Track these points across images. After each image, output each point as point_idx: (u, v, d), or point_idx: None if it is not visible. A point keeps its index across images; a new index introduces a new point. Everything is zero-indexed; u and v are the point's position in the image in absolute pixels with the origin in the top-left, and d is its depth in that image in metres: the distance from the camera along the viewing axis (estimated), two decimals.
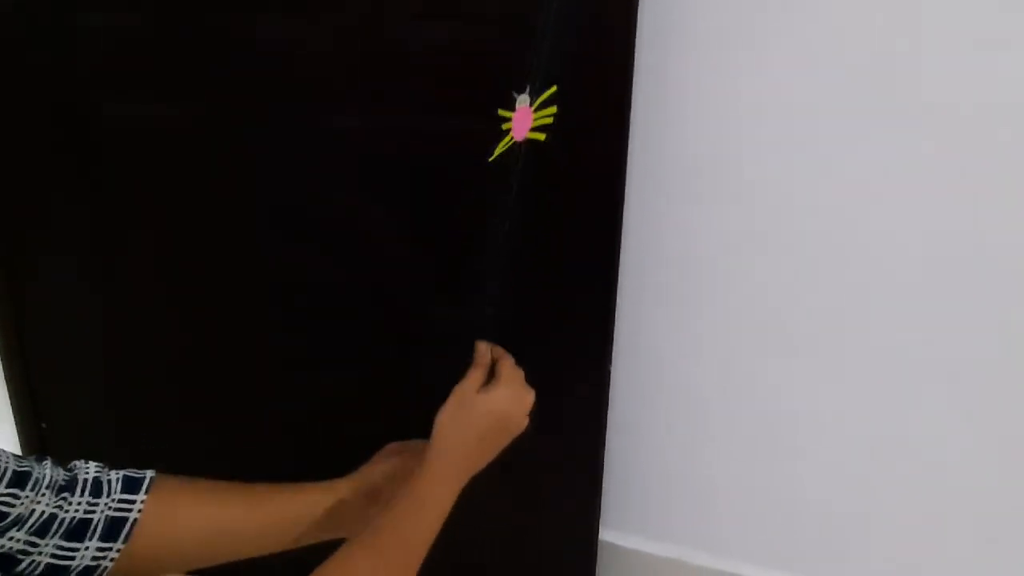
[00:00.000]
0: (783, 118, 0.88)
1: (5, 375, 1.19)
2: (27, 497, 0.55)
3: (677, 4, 0.86)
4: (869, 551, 1.05)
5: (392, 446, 0.78)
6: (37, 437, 1.23)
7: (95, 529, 0.58)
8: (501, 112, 0.71)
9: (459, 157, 0.89)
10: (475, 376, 0.74)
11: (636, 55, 0.83)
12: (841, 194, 0.89)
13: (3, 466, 0.54)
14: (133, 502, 0.61)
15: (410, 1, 0.85)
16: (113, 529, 0.59)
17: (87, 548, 0.58)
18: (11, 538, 0.54)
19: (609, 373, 0.98)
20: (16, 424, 1.22)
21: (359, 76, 0.90)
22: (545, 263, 0.92)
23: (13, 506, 0.54)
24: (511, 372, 0.76)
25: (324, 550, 0.64)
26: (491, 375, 0.76)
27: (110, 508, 0.60)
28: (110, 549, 0.59)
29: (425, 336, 0.97)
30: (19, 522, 0.55)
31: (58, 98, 1.00)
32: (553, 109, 0.72)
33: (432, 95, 0.89)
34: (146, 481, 0.63)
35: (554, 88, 0.71)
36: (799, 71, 0.86)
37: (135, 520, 0.60)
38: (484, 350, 0.77)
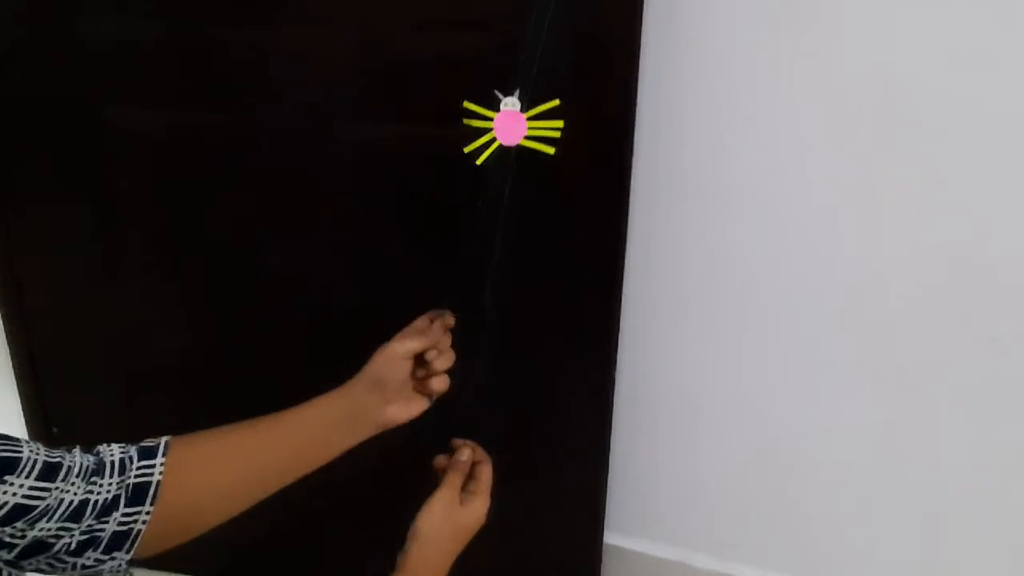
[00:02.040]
0: (785, 128, 0.89)
1: (16, 379, 1.20)
2: (57, 488, 0.56)
3: (680, 14, 0.87)
4: (870, 553, 1.05)
5: (392, 337, 0.79)
6: (48, 441, 1.23)
7: (120, 500, 0.60)
8: (470, 106, 0.71)
9: (459, 164, 0.90)
10: (455, 484, 0.76)
11: (640, 63, 0.84)
12: (842, 201, 0.90)
13: (33, 458, 0.55)
14: (152, 466, 0.62)
15: (412, 12, 0.86)
16: (138, 495, 0.61)
17: (113, 520, 0.59)
18: (42, 528, 0.56)
19: (613, 377, 0.98)
20: (27, 429, 1.23)
21: (360, 84, 0.91)
22: (550, 267, 0.93)
23: (43, 499, 0.55)
24: (489, 480, 0.79)
25: None
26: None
27: (132, 478, 0.61)
28: (138, 513, 0.60)
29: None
30: (47, 512, 0.56)
31: (63, 102, 1.00)
32: (560, 123, 0.72)
33: (433, 104, 0.90)
34: (161, 445, 0.64)
35: (556, 102, 0.71)
36: (803, 82, 0.86)
37: (158, 483, 0.62)
38: (464, 453, 0.79)
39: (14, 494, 0.53)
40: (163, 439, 0.65)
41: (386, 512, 0.78)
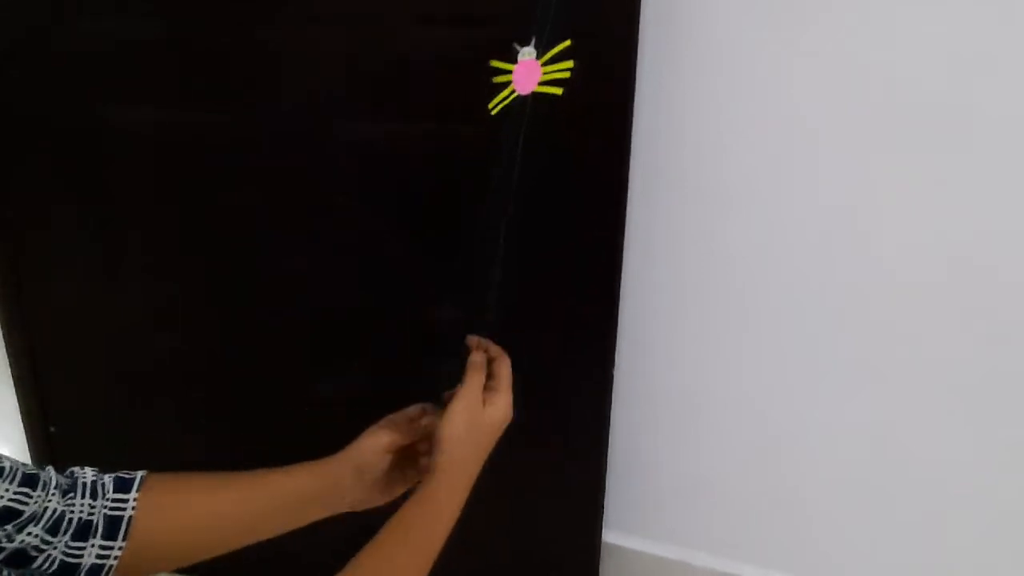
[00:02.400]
0: (787, 124, 0.89)
1: (14, 379, 1.20)
2: (39, 496, 0.57)
3: (679, 13, 0.87)
4: (870, 552, 1.05)
5: (380, 422, 0.79)
6: (46, 441, 1.23)
7: (96, 529, 0.61)
8: (495, 63, 0.71)
9: (460, 160, 0.90)
10: (476, 383, 0.75)
11: (639, 62, 0.84)
12: (842, 199, 0.90)
13: (13, 467, 0.57)
14: (126, 500, 0.63)
15: (412, 10, 0.86)
16: (112, 528, 0.61)
17: (92, 546, 0.60)
18: (29, 533, 0.56)
19: (612, 375, 0.98)
20: (25, 428, 1.23)
21: (360, 83, 0.91)
22: (548, 265, 0.93)
23: (27, 504, 0.56)
24: (508, 376, 0.77)
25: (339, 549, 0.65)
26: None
27: (106, 508, 0.62)
28: (112, 547, 0.61)
29: (426, 338, 0.98)
30: (34, 519, 0.57)
31: (63, 102, 1.01)
32: (570, 63, 0.71)
33: (433, 102, 0.90)
34: (137, 480, 0.65)
35: (568, 42, 0.70)
36: (804, 80, 0.86)
37: (130, 518, 0.62)
38: (479, 353, 0.78)
39: (1, 496, 0.54)
40: (139, 474, 0.66)
41: (378, 517, 0.78)
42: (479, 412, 0.74)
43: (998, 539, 0.98)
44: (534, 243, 0.91)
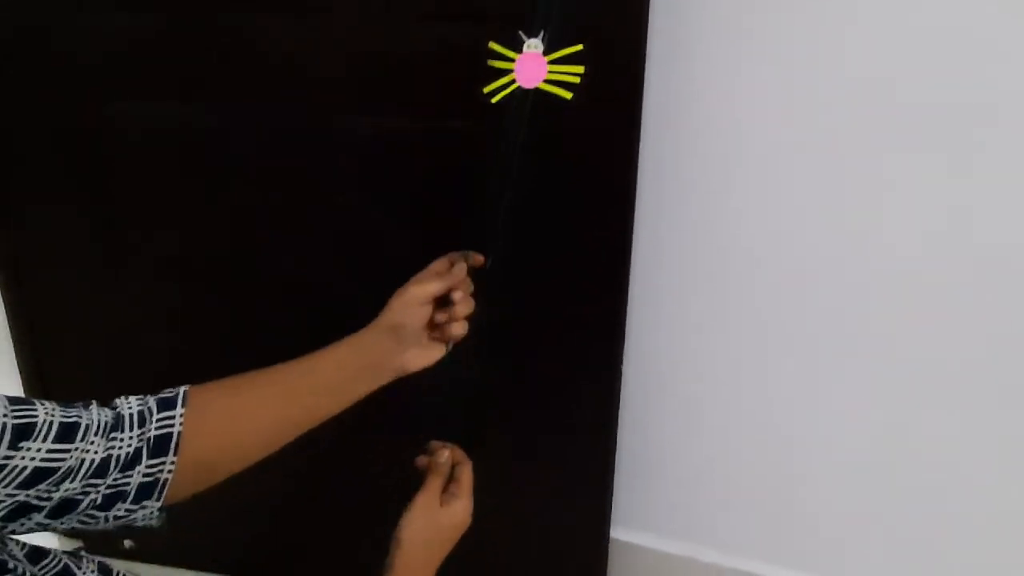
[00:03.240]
0: (795, 120, 0.89)
1: (21, 379, 1.20)
2: (77, 448, 0.56)
3: (688, 5, 0.86)
4: (877, 548, 1.05)
5: (408, 281, 0.78)
6: None
7: (142, 453, 0.60)
8: (494, 46, 0.69)
9: (461, 157, 0.90)
10: (436, 485, 0.77)
11: (647, 54, 0.84)
12: (849, 197, 0.90)
13: (49, 420, 0.55)
14: (172, 417, 0.63)
15: (413, 4, 0.86)
16: (159, 446, 0.61)
17: (137, 472, 0.60)
18: (68, 488, 0.56)
19: (620, 372, 0.98)
20: None
21: (361, 78, 0.91)
22: (557, 263, 0.93)
23: (63, 460, 0.55)
24: (470, 481, 0.79)
25: None
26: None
27: (152, 430, 0.62)
28: (163, 463, 0.61)
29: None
30: (70, 473, 0.56)
31: (63, 100, 1.00)
32: (580, 69, 0.70)
33: (436, 97, 0.90)
34: (180, 396, 0.65)
35: (579, 46, 0.69)
36: (812, 72, 0.86)
37: (179, 433, 0.62)
38: (443, 455, 0.79)
39: (32, 459, 0.53)
40: (181, 389, 0.66)
41: (380, 512, 0.78)
42: (437, 514, 0.76)
43: (1004, 536, 0.98)
44: (542, 241, 0.91)
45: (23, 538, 0.58)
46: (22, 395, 1.20)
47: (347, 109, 0.93)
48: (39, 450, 0.54)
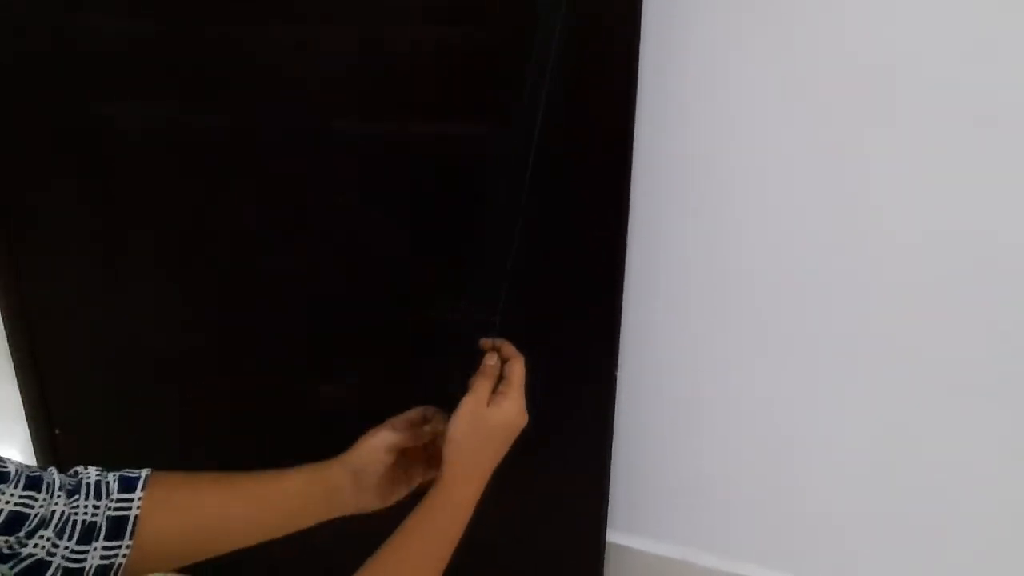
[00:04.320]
0: (790, 123, 0.89)
1: (19, 382, 1.20)
2: (44, 499, 0.57)
3: (680, 14, 0.87)
4: (873, 551, 1.05)
5: (380, 425, 0.79)
6: (51, 443, 1.24)
7: (100, 530, 0.61)
8: None
9: (460, 160, 0.90)
10: (484, 387, 0.75)
11: (640, 58, 0.84)
12: (844, 198, 0.90)
13: (16, 470, 0.57)
14: (131, 500, 0.63)
15: (412, 7, 0.86)
16: (117, 528, 0.61)
17: (95, 549, 0.60)
18: (41, 537, 0.56)
19: (615, 374, 0.98)
20: (30, 430, 1.24)
21: (360, 80, 0.91)
22: (552, 265, 0.93)
23: (33, 508, 0.56)
24: (520, 378, 0.77)
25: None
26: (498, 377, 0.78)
27: (110, 508, 0.62)
28: (119, 547, 0.61)
29: (427, 339, 0.98)
30: (44, 523, 0.57)
31: (63, 102, 1.01)
32: None
33: (436, 99, 0.90)
34: (141, 479, 0.65)
35: None
36: (804, 76, 0.86)
37: (136, 517, 0.63)
38: (492, 357, 0.78)
39: (7, 502, 0.55)
40: (143, 472, 0.66)
41: (381, 511, 0.78)
42: (484, 413, 0.74)
43: (1005, 537, 0.98)
44: (538, 244, 0.91)
45: None
46: (16, 399, 1.21)
47: (347, 111, 0.93)
48: (12, 494, 0.55)
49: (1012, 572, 0.99)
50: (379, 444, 0.76)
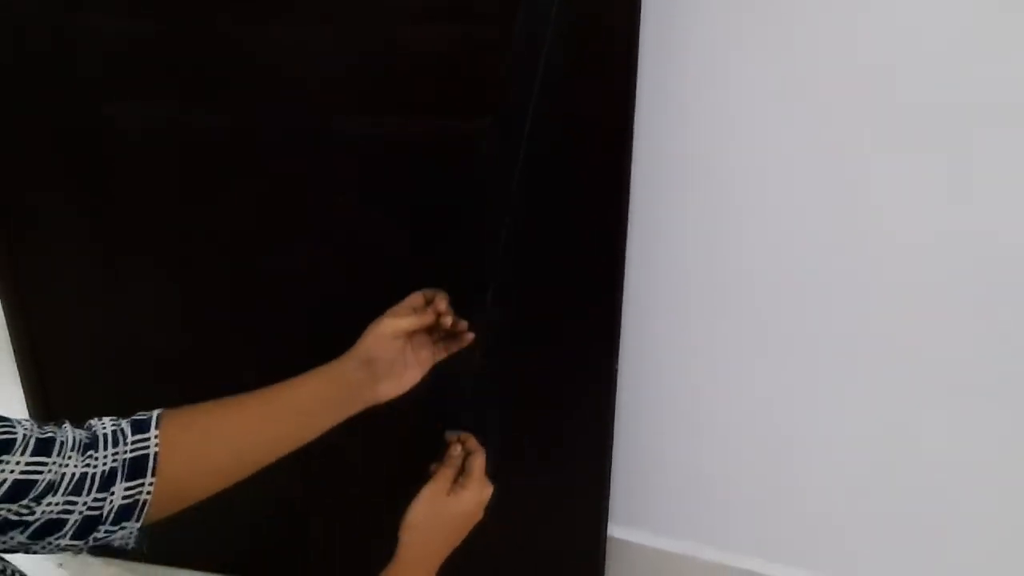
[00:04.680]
0: (790, 123, 0.89)
1: (20, 379, 1.21)
2: (55, 463, 0.57)
3: (679, 7, 0.87)
4: (876, 546, 1.06)
5: (383, 314, 0.80)
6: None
7: (120, 474, 0.61)
8: None
9: (460, 159, 0.91)
10: (445, 476, 0.78)
11: (640, 52, 0.84)
12: (844, 198, 0.90)
13: (25, 435, 0.57)
14: (147, 439, 0.64)
15: (412, 4, 0.86)
16: (136, 468, 0.62)
17: (113, 493, 0.61)
18: (49, 504, 0.57)
19: (616, 370, 0.99)
20: None
21: (360, 79, 0.91)
22: (552, 264, 0.93)
23: (42, 473, 0.56)
24: (481, 471, 0.80)
25: None
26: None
27: (127, 452, 0.63)
28: (141, 485, 0.62)
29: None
30: (52, 488, 0.57)
31: (64, 101, 1.01)
32: None
33: (435, 97, 0.90)
34: (154, 418, 0.66)
35: None
36: (804, 76, 0.86)
37: (155, 455, 0.63)
38: (456, 448, 0.80)
39: (11, 471, 0.55)
40: (154, 412, 0.67)
41: (382, 510, 0.79)
42: (443, 501, 0.76)
43: (1005, 535, 0.99)
44: (538, 244, 0.91)
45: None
46: (19, 397, 1.21)
47: (346, 109, 0.93)
48: (18, 463, 0.55)
49: (1011, 571, 1.00)
50: (385, 331, 0.77)
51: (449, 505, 0.77)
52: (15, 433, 0.56)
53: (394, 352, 0.77)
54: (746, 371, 1.03)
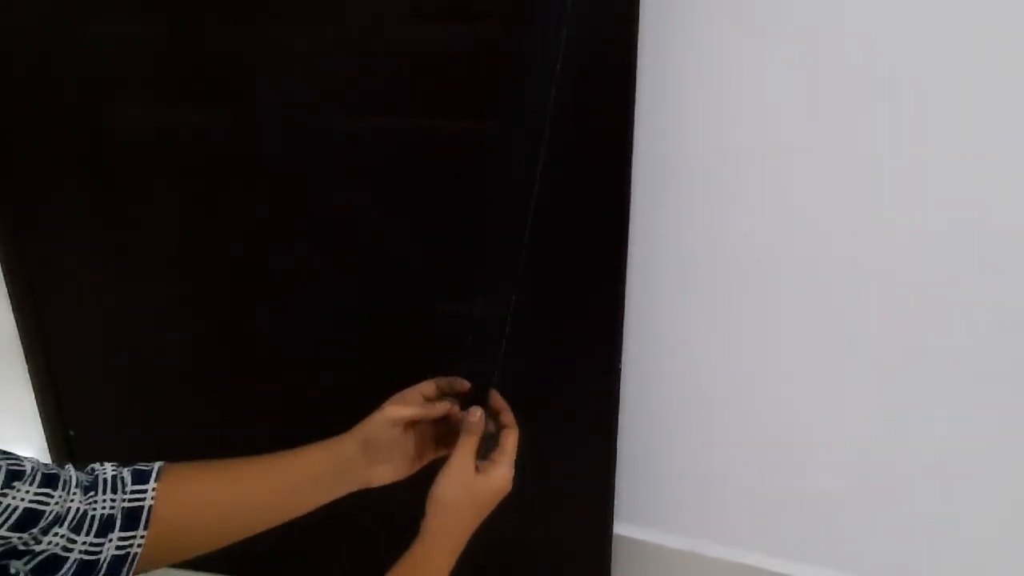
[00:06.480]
0: (789, 116, 0.89)
1: (33, 384, 1.22)
2: (60, 496, 0.58)
3: (679, 7, 0.87)
4: (879, 541, 1.05)
5: (391, 398, 0.79)
6: (65, 444, 1.25)
7: (116, 522, 0.62)
8: None
9: (462, 156, 0.91)
10: (468, 444, 0.75)
11: (639, 51, 0.84)
12: (847, 192, 0.90)
13: (33, 468, 0.58)
14: (145, 491, 0.64)
15: (413, 4, 0.87)
16: (131, 519, 0.62)
17: (110, 541, 0.61)
18: (56, 534, 0.57)
19: (620, 368, 0.99)
20: (45, 432, 1.25)
21: (362, 79, 0.92)
22: (555, 261, 0.93)
23: (48, 505, 0.57)
24: (513, 449, 0.78)
25: None
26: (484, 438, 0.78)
27: (125, 501, 0.63)
28: (133, 537, 0.62)
29: (430, 336, 0.98)
30: (59, 520, 0.58)
31: (67, 103, 1.02)
32: None
33: (437, 97, 0.91)
34: (155, 470, 0.66)
35: None
36: (804, 69, 0.86)
37: (150, 507, 0.63)
38: (475, 413, 0.78)
39: (22, 499, 0.55)
40: (156, 464, 0.67)
41: (382, 510, 0.79)
42: (474, 480, 0.74)
43: (1009, 528, 0.98)
44: (541, 240, 0.91)
45: None
46: (31, 400, 1.22)
47: (348, 110, 0.94)
48: (28, 491, 0.56)
49: (1014, 563, 0.99)
50: (389, 417, 0.76)
51: (481, 483, 0.74)
52: (23, 465, 0.57)
53: (393, 438, 0.76)
54: (750, 368, 1.03)
